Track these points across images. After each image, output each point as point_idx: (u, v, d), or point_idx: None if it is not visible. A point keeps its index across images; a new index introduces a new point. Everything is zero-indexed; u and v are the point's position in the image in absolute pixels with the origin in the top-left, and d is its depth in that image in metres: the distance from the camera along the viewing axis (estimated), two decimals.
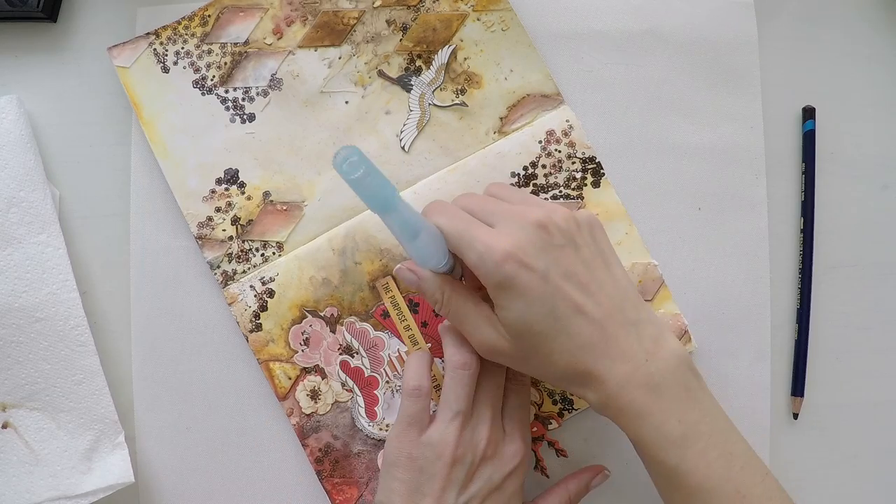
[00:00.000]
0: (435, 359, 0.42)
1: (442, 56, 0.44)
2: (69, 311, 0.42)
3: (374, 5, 0.45)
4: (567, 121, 0.44)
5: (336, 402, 0.42)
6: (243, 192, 0.44)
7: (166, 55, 0.44)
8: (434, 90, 0.44)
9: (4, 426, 0.41)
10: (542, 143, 0.44)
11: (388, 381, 0.43)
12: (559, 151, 0.44)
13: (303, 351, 0.43)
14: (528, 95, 0.44)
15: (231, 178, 0.44)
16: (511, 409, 0.39)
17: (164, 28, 0.44)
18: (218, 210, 0.43)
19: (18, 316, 0.41)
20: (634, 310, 0.35)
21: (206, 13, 0.44)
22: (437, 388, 0.42)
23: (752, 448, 0.36)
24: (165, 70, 0.44)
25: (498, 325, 0.35)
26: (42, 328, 0.41)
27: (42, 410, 0.41)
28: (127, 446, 0.42)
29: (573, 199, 0.44)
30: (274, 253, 0.43)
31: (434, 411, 0.38)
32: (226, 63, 0.44)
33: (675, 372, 0.34)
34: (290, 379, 0.42)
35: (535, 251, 0.33)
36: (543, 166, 0.44)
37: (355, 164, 0.31)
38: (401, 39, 0.44)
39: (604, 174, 0.44)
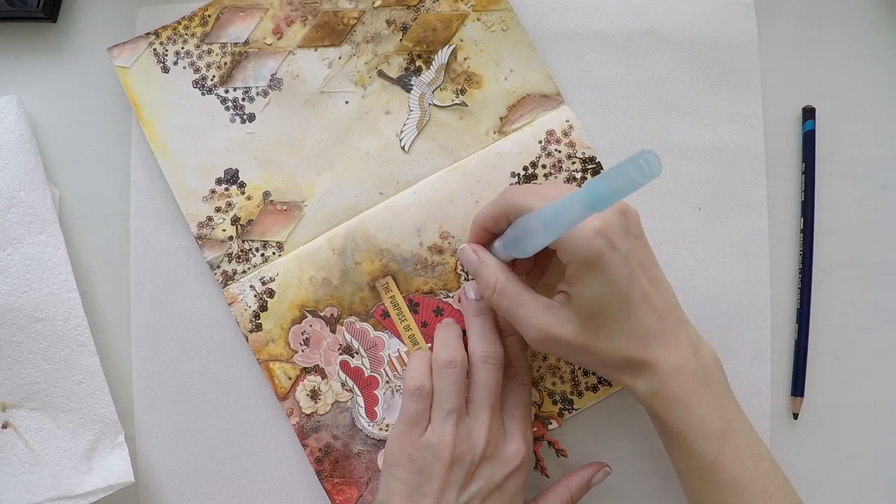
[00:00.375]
0: None
1: (442, 56, 0.44)
2: (69, 311, 0.42)
3: (374, 5, 0.45)
4: (567, 121, 0.44)
5: (336, 402, 0.42)
6: (243, 192, 0.44)
7: (166, 55, 0.44)
8: (434, 90, 0.44)
9: (4, 426, 0.41)
10: (542, 143, 0.44)
11: (387, 381, 0.43)
12: (559, 151, 0.44)
13: (303, 351, 0.43)
14: (528, 95, 0.44)
15: (231, 178, 0.44)
16: (512, 408, 0.39)
17: (164, 28, 0.44)
18: (218, 210, 0.43)
19: (18, 316, 0.41)
20: (681, 310, 0.37)
21: (206, 13, 0.44)
22: None
23: (771, 454, 0.37)
24: (165, 70, 0.44)
25: (559, 311, 0.35)
26: (42, 328, 0.41)
27: (42, 410, 0.41)
28: (127, 446, 0.41)
29: None
30: (274, 253, 0.43)
31: None
32: (226, 63, 0.44)
33: (715, 369, 0.37)
34: (290, 379, 0.42)
35: (619, 232, 0.34)
36: (543, 166, 0.44)
37: (657, 169, 0.27)
38: (401, 39, 0.44)
39: None
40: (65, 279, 0.42)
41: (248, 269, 0.43)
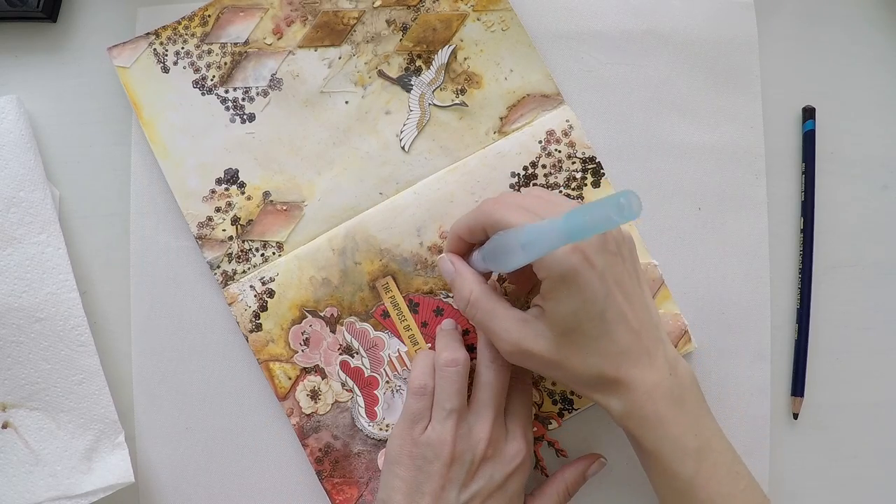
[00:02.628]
0: None
1: (442, 56, 0.44)
2: (69, 311, 0.42)
3: (374, 5, 0.45)
4: (567, 121, 0.44)
5: (336, 402, 0.42)
6: (243, 192, 0.44)
7: (166, 55, 0.44)
8: (434, 90, 0.44)
9: (4, 426, 0.41)
10: (542, 143, 0.44)
11: (388, 381, 0.43)
12: (559, 151, 0.44)
13: (303, 351, 0.43)
14: (528, 95, 0.44)
15: (231, 178, 0.44)
16: (513, 408, 0.39)
17: (164, 28, 0.44)
18: (218, 210, 0.43)
19: (18, 316, 0.41)
20: (659, 329, 0.36)
21: (206, 13, 0.44)
22: None
23: (749, 471, 0.37)
24: (165, 70, 0.44)
25: (533, 325, 0.35)
26: (42, 328, 0.41)
27: (42, 410, 0.41)
28: (127, 446, 0.42)
29: (573, 199, 0.44)
30: (274, 253, 0.43)
31: None
32: (226, 63, 0.44)
33: (692, 389, 0.36)
34: (290, 379, 0.42)
35: (596, 249, 0.34)
36: (543, 166, 0.44)
37: (637, 211, 0.27)
38: (401, 39, 0.44)
39: (604, 174, 0.44)
40: (65, 279, 0.42)
41: (248, 269, 0.43)
